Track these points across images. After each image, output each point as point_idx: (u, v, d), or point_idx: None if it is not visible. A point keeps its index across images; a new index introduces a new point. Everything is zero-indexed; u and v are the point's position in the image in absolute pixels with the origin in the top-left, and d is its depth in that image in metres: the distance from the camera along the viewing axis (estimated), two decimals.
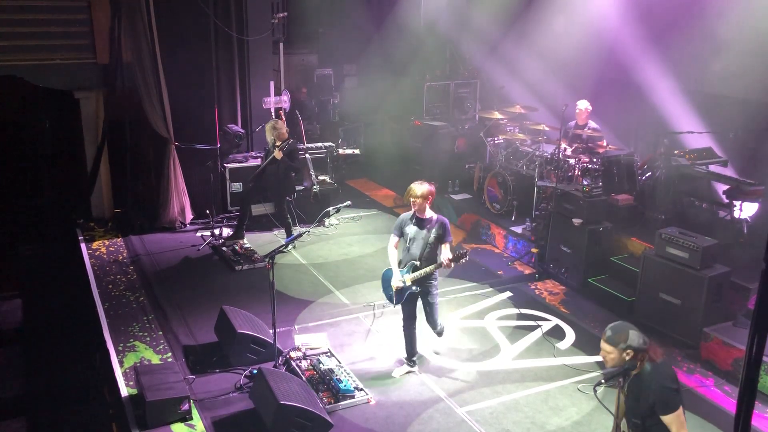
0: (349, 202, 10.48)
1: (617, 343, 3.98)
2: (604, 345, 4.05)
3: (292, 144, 9.20)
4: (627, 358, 3.99)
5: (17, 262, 9.47)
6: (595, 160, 9.19)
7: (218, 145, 10.15)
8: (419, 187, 6.15)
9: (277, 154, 8.99)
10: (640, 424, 4.04)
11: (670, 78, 9.96)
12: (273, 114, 10.70)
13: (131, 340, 7.04)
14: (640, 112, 10.50)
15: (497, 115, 10.40)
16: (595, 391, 4.16)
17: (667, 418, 3.89)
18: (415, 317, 6.50)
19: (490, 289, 8.43)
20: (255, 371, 6.13)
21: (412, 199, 6.16)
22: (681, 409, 3.93)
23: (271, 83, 10.72)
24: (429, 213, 6.24)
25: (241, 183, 10.31)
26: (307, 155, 10.36)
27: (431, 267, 6.18)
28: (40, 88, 9.79)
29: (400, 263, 6.37)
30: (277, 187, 9.35)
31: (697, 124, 9.54)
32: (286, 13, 10.76)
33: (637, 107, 10.52)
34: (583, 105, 9.70)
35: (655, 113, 10.14)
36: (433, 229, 6.17)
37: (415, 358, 6.62)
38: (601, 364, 6.75)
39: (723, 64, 9.30)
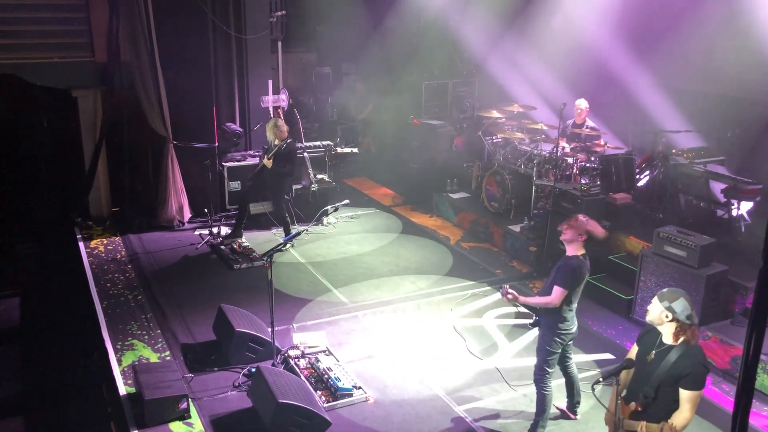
0: (347, 201, 10.55)
1: (662, 300, 4.08)
2: (654, 299, 4.14)
3: (291, 144, 9.19)
4: (666, 320, 4.06)
5: (15, 260, 9.46)
6: (593, 159, 9.19)
7: (216, 144, 10.14)
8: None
9: (267, 163, 9.01)
10: (652, 395, 4.10)
11: (669, 77, 9.97)
12: (271, 112, 10.69)
13: (129, 338, 7.03)
14: (637, 111, 10.50)
15: (495, 113, 10.40)
16: (593, 389, 4.18)
17: (688, 394, 3.97)
18: (560, 359, 5.75)
19: (489, 287, 8.43)
20: (253, 370, 6.13)
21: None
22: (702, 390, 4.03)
23: (270, 82, 10.71)
24: (577, 251, 5.47)
25: (239, 181, 10.30)
26: (305, 154, 10.35)
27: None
28: (38, 87, 9.77)
29: None
30: (274, 186, 9.36)
31: (695, 122, 9.55)
32: (284, 12, 10.74)
33: (635, 106, 10.52)
34: (582, 104, 9.71)
35: (653, 112, 10.15)
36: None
37: (575, 408, 5.98)
38: (599, 362, 6.78)
39: (721, 63, 9.31)
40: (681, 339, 4.07)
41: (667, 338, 4.12)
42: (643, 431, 4.03)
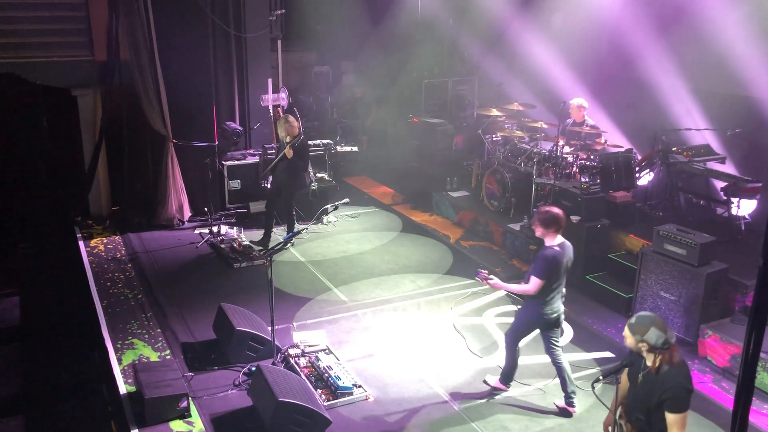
0: (347, 200, 10.55)
1: (634, 333, 4.06)
2: (625, 328, 4.14)
3: (303, 140, 9.11)
4: (642, 349, 4.04)
5: (15, 259, 9.46)
6: (593, 157, 9.19)
7: (216, 143, 10.14)
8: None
9: (288, 153, 8.90)
10: (644, 420, 4.06)
11: (669, 75, 9.96)
12: (271, 111, 10.68)
13: (129, 337, 7.04)
14: (639, 108, 10.51)
15: (495, 112, 10.39)
16: (593, 387, 4.18)
17: (673, 417, 3.90)
18: (546, 346, 6.05)
19: (489, 286, 8.42)
20: (253, 368, 6.13)
21: None
22: (688, 411, 3.94)
23: (269, 80, 10.70)
24: (552, 241, 5.73)
25: (239, 180, 10.30)
26: None
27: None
28: (37, 86, 9.76)
29: None
30: (287, 182, 9.23)
31: (695, 120, 9.55)
32: (283, 10, 10.74)
33: (636, 104, 10.52)
34: (577, 102, 9.68)
35: (654, 110, 10.15)
36: None
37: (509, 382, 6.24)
38: (599, 361, 6.78)
39: (721, 61, 9.30)
40: (661, 364, 4.00)
41: (649, 363, 4.06)
42: None
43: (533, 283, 5.62)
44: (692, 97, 9.74)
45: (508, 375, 6.21)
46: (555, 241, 5.70)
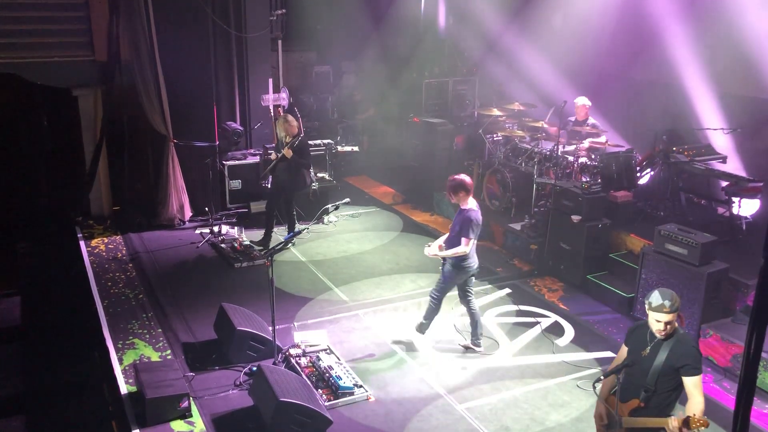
0: (348, 200, 10.55)
1: (677, 308, 4.13)
2: (665, 317, 4.09)
3: (303, 140, 9.09)
4: (675, 319, 4.16)
5: (16, 259, 9.46)
6: (594, 156, 9.19)
7: (217, 143, 10.14)
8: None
9: (287, 153, 8.88)
10: (651, 387, 4.14)
11: (672, 74, 9.95)
12: (271, 111, 10.68)
13: (130, 337, 7.04)
14: (640, 108, 10.49)
15: (496, 112, 10.38)
16: (594, 387, 4.18)
17: (694, 380, 4.05)
18: (463, 296, 6.87)
19: (489, 285, 8.43)
20: (254, 368, 6.14)
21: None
22: None
23: (270, 80, 10.70)
24: (466, 204, 6.51)
25: (240, 180, 10.30)
26: None
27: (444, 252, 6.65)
28: (38, 86, 9.77)
29: None
30: (288, 181, 9.19)
31: (698, 120, 9.53)
32: (284, 10, 10.74)
33: (637, 103, 10.50)
34: (581, 101, 9.69)
35: (656, 110, 10.13)
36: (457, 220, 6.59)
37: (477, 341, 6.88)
38: (600, 361, 6.77)
39: (725, 61, 9.28)
40: (678, 327, 4.18)
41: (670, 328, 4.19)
42: (673, 426, 3.97)
43: (465, 243, 6.40)
44: (694, 96, 9.71)
45: (424, 326, 6.91)
46: (469, 204, 6.46)
